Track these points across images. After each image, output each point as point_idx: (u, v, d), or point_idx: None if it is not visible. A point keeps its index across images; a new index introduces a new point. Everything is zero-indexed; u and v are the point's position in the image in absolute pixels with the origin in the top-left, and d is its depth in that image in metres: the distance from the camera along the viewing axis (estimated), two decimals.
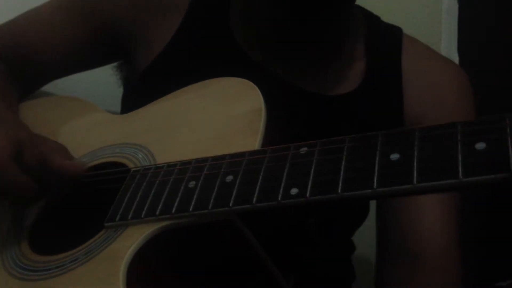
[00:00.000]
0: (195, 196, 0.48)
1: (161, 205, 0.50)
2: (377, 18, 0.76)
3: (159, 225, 0.49)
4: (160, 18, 0.72)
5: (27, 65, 0.77)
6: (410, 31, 0.77)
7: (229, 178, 0.48)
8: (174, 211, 0.48)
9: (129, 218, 0.51)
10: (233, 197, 0.46)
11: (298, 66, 0.70)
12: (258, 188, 0.46)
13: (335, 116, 0.69)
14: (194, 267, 0.51)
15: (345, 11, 0.70)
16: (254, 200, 0.45)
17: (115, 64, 0.81)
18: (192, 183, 0.50)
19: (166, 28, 0.71)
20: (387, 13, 0.77)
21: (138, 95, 0.72)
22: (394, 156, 0.42)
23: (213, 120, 0.57)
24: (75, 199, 0.60)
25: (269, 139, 0.52)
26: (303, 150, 0.47)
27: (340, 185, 0.43)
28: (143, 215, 0.50)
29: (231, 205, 0.46)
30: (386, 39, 0.74)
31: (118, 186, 0.55)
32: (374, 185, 0.41)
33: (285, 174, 0.46)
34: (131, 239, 0.49)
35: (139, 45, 0.73)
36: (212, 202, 0.47)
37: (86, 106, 0.73)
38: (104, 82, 0.90)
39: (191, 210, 0.48)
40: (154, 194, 0.51)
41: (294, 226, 0.54)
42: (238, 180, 0.47)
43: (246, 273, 0.52)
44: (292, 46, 0.69)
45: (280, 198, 0.44)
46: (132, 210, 0.51)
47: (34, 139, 0.59)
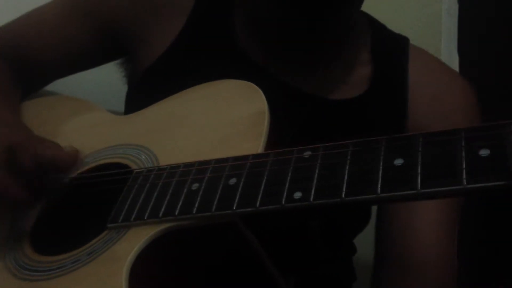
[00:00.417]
0: (199, 198, 0.48)
1: (164, 207, 0.50)
2: (383, 26, 0.76)
3: (162, 226, 0.49)
4: (162, 19, 0.72)
5: (29, 65, 0.77)
6: (410, 31, 0.77)
7: (232, 181, 0.48)
8: (177, 213, 0.49)
9: (132, 220, 0.51)
10: (236, 200, 0.46)
11: (301, 69, 0.70)
12: (261, 191, 0.46)
13: (338, 120, 0.69)
14: (196, 269, 0.51)
15: (350, 13, 0.70)
16: (258, 203, 0.45)
17: (119, 61, 0.81)
18: (195, 185, 0.50)
19: (169, 28, 0.72)
20: (387, 13, 0.77)
21: (141, 95, 0.72)
22: (398, 161, 0.42)
23: (216, 122, 0.57)
24: (78, 200, 0.60)
25: (271, 142, 0.52)
26: (307, 154, 0.47)
27: (343, 189, 0.43)
28: (146, 217, 0.50)
29: (235, 208, 0.46)
30: (392, 48, 0.74)
31: (120, 187, 0.55)
32: (378, 190, 0.41)
33: (288, 178, 0.46)
34: (134, 241, 0.49)
35: (141, 44, 0.73)
36: (215, 204, 0.47)
37: (88, 106, 0.73)
38: (107, 81, 0.90)
39: (195, 212, 0.48)
40: (157, 195, 0.51)
41: (296, 229, 0.54)
42: (242, 183, 0.47)
43: (247, 274, 0.52)
44: (295, 49, 0.69)
45: (283, 202, 0.44)
46: (135, 212, 0.51)
47: (30, 141, 0.59)
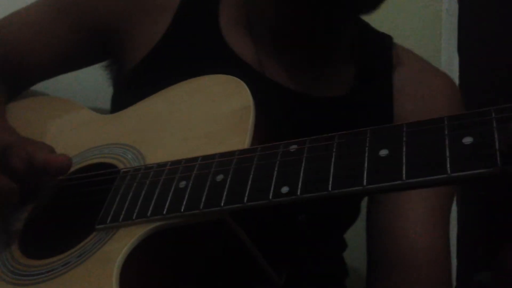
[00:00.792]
0: (186, 196, 0.48)
1: (152, 206, 0.50)
2: (367, 24, 0.76)
3: (151, 226, 0.49)
4: (149, 18, 0.72)
5: (14, 67, 0.76)
6: (410, 31, 0.77)
7: (219, 178, 0.48)
8: (165, 212, 0.48)
9: (120, 220, 0.51)
10: (224, 196, 0.46)
11: (288, 67, 0.70)
12: (249, 187, 0.46)
13: (325, 117, 0.69)
14: (187, 267, 0.51)
15: (343, 15, 0.70)
16: (246, 199, 0.45)
17: (104, 63, 0.81)
18: (182, 183, 0.50)
19: (155, 27, 0.71)
20: (387, 13, 0.77)
21: (127, 94, 0.72)
22: (383, 152, 0.42)
23: (202, 118, 0.56)
24: (65, 202, 0.60)
25: (258, 138, 0.52)
26: (293, 148, 0.47)
27: (330, 182, 0.43)
28: (135, 217, 0.50)
29: (223, 204, 0.46)
30: (376, 46, 0.74)
31: (108, 188, 0.55)
32: (364, 181, 0.42)
33: (275, 172, 0.46)
34: (123, 241, 0.49)
35: (128, 43, 0.73)
36: (203, 201, 0.47)
37: (73, 107, 0.73)
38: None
39: (183, 210, 0.48)
40: (145, 195, 0.51)
41: (285, 223, 0.54)
42: (229, 179, 0.47)
43: (238, 270, 0.52)
44: (283, 47, 0.69)
45: (271, 197, 0.44)
46: (123, 212, 0.51)
47: (20, 142, 0.59)
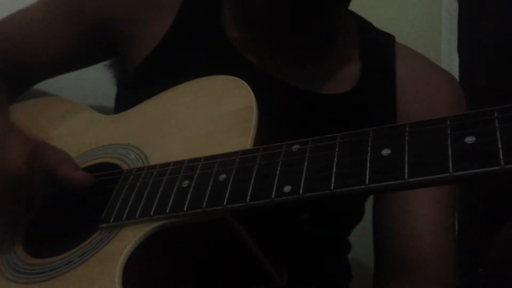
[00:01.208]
0: (189, 195, 0.49)
1: (155, 205, 0.50)
2: (370, 24, 0.77)
3: (154, 225, 0.49)
4: (152, 17, 0.72)
5: (16, 67, 0.76)
6: (410, 31, 0.77)
7: (222, 177, 0.48)
8: (168, 211, 0.49)
9: (123, 219, 0.51)
10: (226, 195, 0.47)
11: (291, 64, 0.70)
12: (251, 186, 0.46)
13: (328, 115, 0.69)
14: (189, 265, 0.52)
15: (339, 11, 0.70)
16: (248, 198, 0.46)
17: (107, 62, 0.81)
18: (185, 183, 0.50)
19: (159, 26, 0.71)
20: (387, 13, 0.77)
21: (130, 94, 0.72)
22: (386, 151, 0.43)
23: (204, 118, 0.57)
24: (69, 201, 0.60)
25: (261, 137, 0.52)
26: (295, 147, 0.47)
27: (332, 181, 0.43)
28: (138, 216, 0.50)
29: (225, 203, 0.46)
30: (380, 45, 0.74)
31: (111, 187, 0.55)
32: (366, 180, 0.42)
33: (278, 171, 0.46)
34: (126, 240, 0.49)
35: (130, 43, 0.73)
36: (206, 201, 0.47)
37: (76, 107, 0.73)
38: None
39: (185, 209, 0.48)
40: (148, 194, 0.51)
41: (287, 222, 0.54)
42: (231, 178, 0.48)
43: (240, 269, 0.52)
44: (285, 45, 0.69)
45: (273, 196, 0.45)
46: (126, 211, 0.51)
47: (41, 148, 0.59)
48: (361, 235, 0.78)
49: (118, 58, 0.78)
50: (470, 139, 0.40)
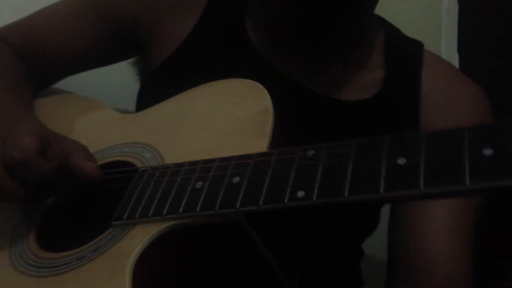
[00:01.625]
0: (202, 196, 0.49)
1: (168, 204, 0.50)
2: (397, 30, 0.76)
3: (166, 224, 0.49)
4: (177, 16, 0.73)
5: (42, 62, 0.77)
6: (410, 31, 0.76)
7: (236, 180, 0.48)
8: (181, 211, 0.49)
9: (136, 217, 0.51)
10: (240, 198, 0.47)
11: (313, 69, 0.69)
12: (265, 190, 0.46)
13: (349, 121, 0.68)
14: (199, 267, 0.52)
15: (362, 15, 0.70)
16: (261, 202, 0.45)
17: (132, 60, 0.82)
18: (199, 184, 0.50)
19: (183, 26, 0.72)
20: (387, 13, 0.77)
21: (152, 92, 0.72)
22: (401, 160, 0.42)
23: (221, 121, 0.57)
24: (83, 197, 0.61)
25: (277, 141, 0.52)
26: (310, 153, 0.47)
27: (346, 188, 0.43)
28: (150, 215, 0.50)
29: (238, 206, 0.46)
30: (406, 52, 0.73)
31: (126, 185, 0.55)
32: (381, 189, 0.41)
33: (292, 176, 0.46)
34: (138, 238, 0.49)
35: (155, 42, 0.74)
36: (219, 202, 0.47)
37: (94, 105, 0.74)
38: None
39: (198, 210, 0.48)
40: (161, 193, 0.52)
41: (300, 227, 0.54)
42: (245, 181, 0.48)
43: (250, 272, 0.52)
44: (308, 50, 0.69)
45: (286, 201, 0.44)
46: (139, 209, 0.51)
47: (56, 137, 0.59)
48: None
49: (143, 55, 0.78)
50: (488, 151, 0.39)
